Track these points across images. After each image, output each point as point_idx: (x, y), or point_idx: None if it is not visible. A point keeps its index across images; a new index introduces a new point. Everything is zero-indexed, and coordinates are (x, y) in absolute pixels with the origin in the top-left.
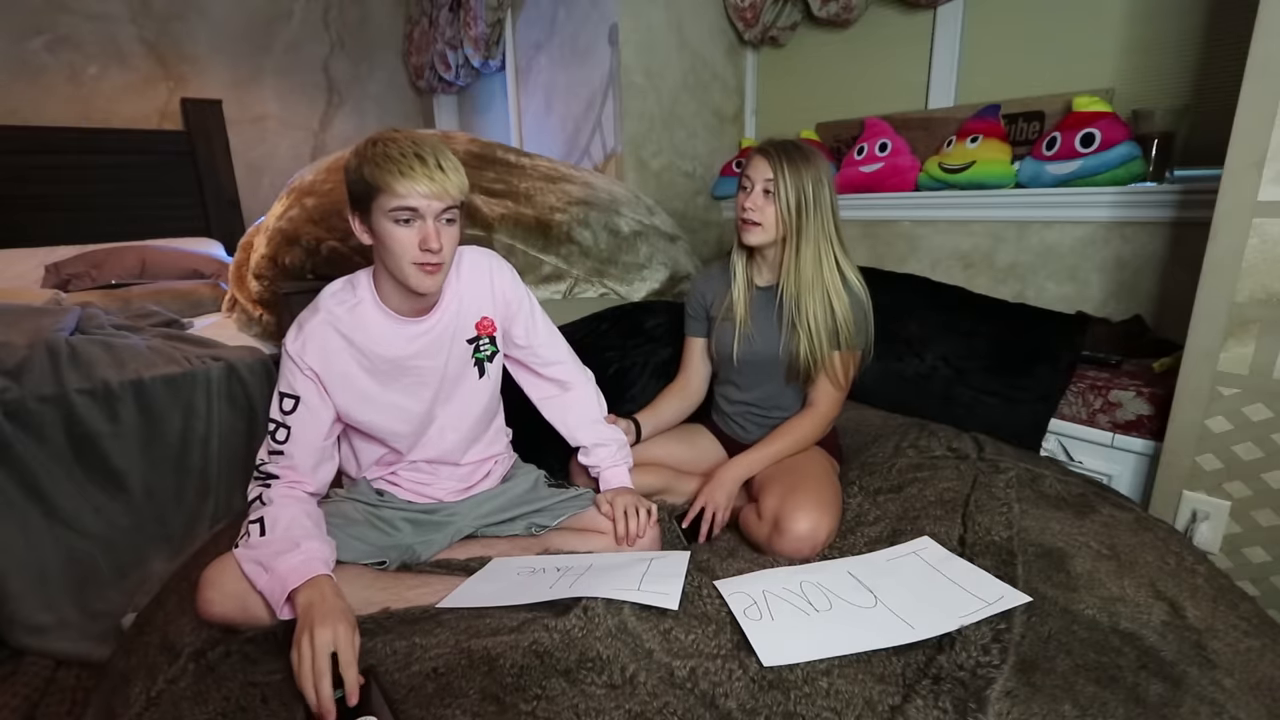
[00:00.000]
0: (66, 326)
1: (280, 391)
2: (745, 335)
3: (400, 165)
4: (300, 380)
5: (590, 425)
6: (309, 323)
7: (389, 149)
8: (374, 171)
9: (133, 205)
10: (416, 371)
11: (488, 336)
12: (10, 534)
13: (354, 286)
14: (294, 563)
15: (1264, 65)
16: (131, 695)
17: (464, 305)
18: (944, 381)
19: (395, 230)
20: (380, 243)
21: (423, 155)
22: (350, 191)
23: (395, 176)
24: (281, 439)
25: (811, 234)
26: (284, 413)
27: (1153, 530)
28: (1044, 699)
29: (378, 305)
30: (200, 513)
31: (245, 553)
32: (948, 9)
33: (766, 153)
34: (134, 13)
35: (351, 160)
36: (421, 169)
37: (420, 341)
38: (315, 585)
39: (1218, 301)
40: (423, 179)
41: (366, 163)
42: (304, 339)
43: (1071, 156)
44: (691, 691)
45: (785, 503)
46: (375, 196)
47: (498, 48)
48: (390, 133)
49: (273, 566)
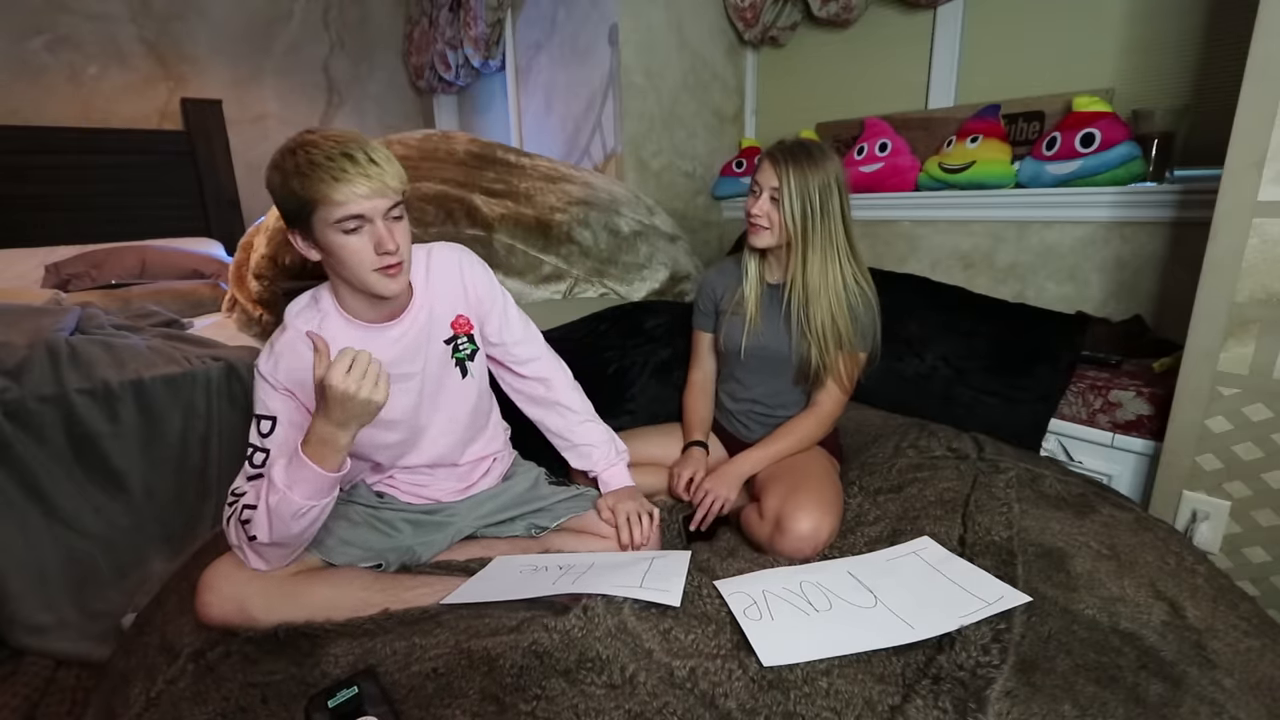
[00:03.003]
0: (66, 326)
1: (256, 414)
2: (754, 330)
3: (331, 170)
4: (276, 399)
5: (577, 426)
6: (279, 341)
7: (312, 155)
8: (304, 183)
9: (133, 205)
10: (397, 379)
11: (465, 335)
12: (10, 534)
13: (316, 301)
14: (287, 470)
15: (1264, 65)
16: (131, 695)
17: (436, 305)
18: (944, 381)
19: (345, 240)
20: (332, 256)
21: (351, 153)
22: (282, 210)
23: (329, 184)
24: (259, 463)
25: (819, 241)
26: (262, 435)
27: (1153, 530)
28: (1044, 699)
29: (343, 317)
30: (200, 513)
31: (261, 538)
32: (948, 9)
33: (774, 159)
34: (134, 13)
35: (273, 176)
36: (355, 169)
37: (395, 348)
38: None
39: (1218, 301)
40: (359, 179)
41: (292, 176)
42: (275, 357)
43: (1071, 156)
44: (691, 691)
45: (787, 503)
46: (314, 210)
47: (498, 48)
48: (306, 136)
49: (287, 492)
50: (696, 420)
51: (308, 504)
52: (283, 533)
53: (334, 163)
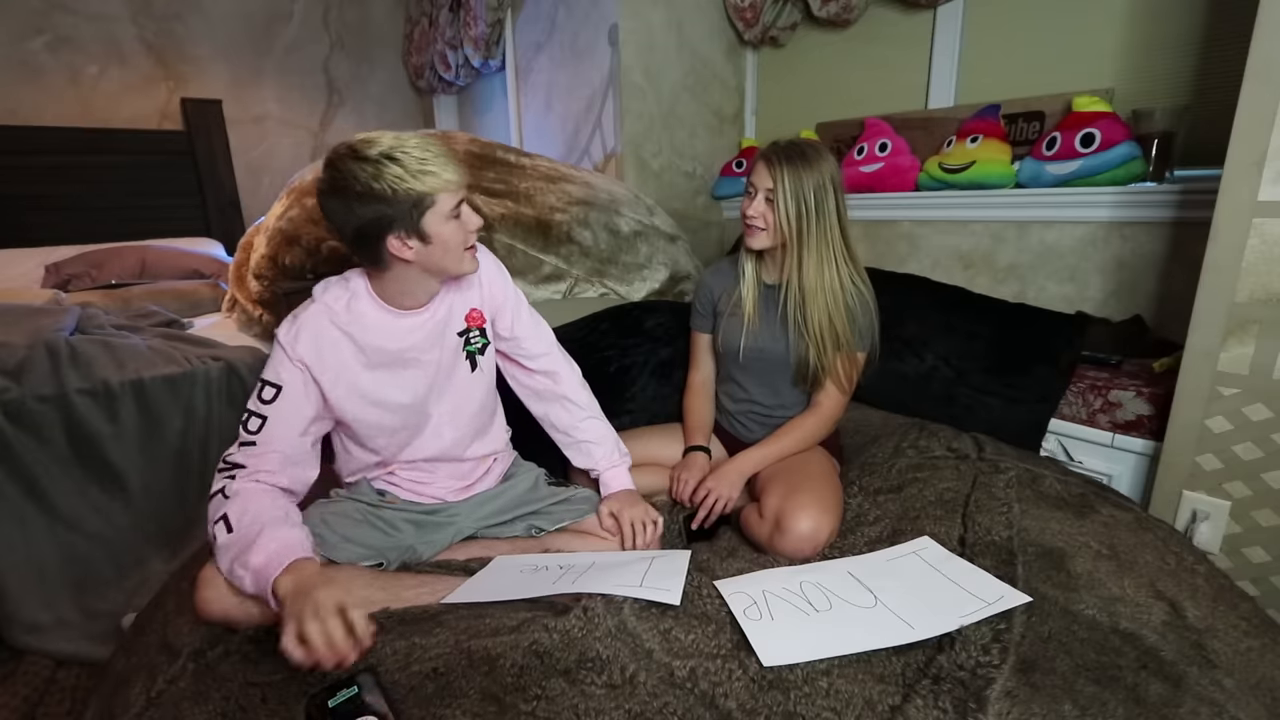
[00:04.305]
0: (66, 326)
1: (263, 379)
2: (752, 330)
3: (436, 164)
4: (287, 369)
5: (581, 422)
6: (304, 313)
7: (411, 154)
8: (418, 183)
9: (133, 205)
10: (413, 364)
11: (477, 328)
12: (10, 534)
13: (347, 282)
14: (269, 552)
15: (1264, 65)
16: (131, 695)
17: (454, 298)
18: (944, 381)
19: (453, 227)
20: (436, 246)
21: (429, 145)
22: (385, 216)
23: (440, 178)
24: (254, 428)
25: (814, 242)
26: (262, 401)
27: (1153, 530)
28: (1044, 699)
29: (373, 300)
30: (200, 513)
31: (222, 557)
32: (948, 9)
33: (768, 160)
34: (134, 13)
35: (369, 187)
36: (446, 157)
37: (417, 334)
38: (295, 569)
39: (1218, 301)
40: (455, 167)
41: (404, 180)
42: (298, 328)
43: (1071, 156)
44: (691, 691)
45: (787, 502)
46: (433, 204)
47: (498, 48)
48: (386, 141)
49: (249, 563)
50: (697, 423)
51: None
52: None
53: (434, 156)
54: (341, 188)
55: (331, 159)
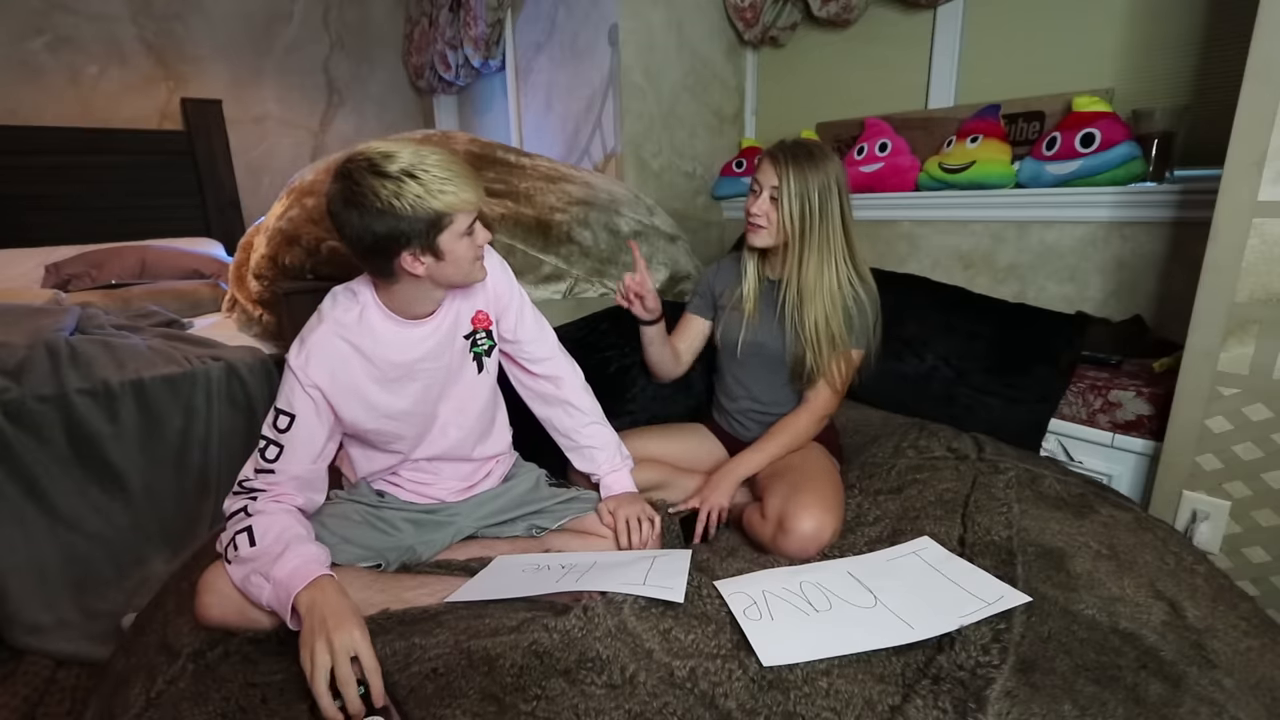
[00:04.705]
0: (66, 326)
1: (277, 407)
2: (752, 325)
3: (457, 183)
4: (300, 397)
5: (584, 427)
6: (312, 335)
7: (433, 173)
8: (437, 202)
9: (133, 205)
10: (425, 374)
11: (484, 330)
12: (10, 534)
13: (355, 293)
14: (293, 565)
15: (1264, 65)
16: (131, 696)
17: (461, 302)
18: (944, 381)
19: (465, 243)
20: (448, 261)
21: (451, 163)
22: (401, 234)
23: (459, 197)
24: (272, 457)
25: (816, 242)
26: (278, 430)
27: (1152, 530)
28: (1044, 699)
29: (382, 311)
30: (200, 513)
31: (238, 568)
32: (948, 9)
33: (775, 158)
34: (134, 13)
35: (390, 205)
36: (466, 175)
37: (427, 344)
38: (319, 586)
39: (1218, 301)
40: (471, 183)
41: (426, 198)
42: (307, 352)
43: (1071, 156)
44: (691, 691)
45: (789, 503)
46: (448, 225)
47: (498, 48)
48: (405, 156)
49: (272, 574)
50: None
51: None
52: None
53: (458, 176)
54: (359, 202)
55: (349, 170)
